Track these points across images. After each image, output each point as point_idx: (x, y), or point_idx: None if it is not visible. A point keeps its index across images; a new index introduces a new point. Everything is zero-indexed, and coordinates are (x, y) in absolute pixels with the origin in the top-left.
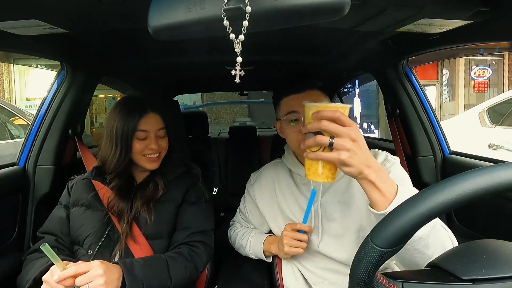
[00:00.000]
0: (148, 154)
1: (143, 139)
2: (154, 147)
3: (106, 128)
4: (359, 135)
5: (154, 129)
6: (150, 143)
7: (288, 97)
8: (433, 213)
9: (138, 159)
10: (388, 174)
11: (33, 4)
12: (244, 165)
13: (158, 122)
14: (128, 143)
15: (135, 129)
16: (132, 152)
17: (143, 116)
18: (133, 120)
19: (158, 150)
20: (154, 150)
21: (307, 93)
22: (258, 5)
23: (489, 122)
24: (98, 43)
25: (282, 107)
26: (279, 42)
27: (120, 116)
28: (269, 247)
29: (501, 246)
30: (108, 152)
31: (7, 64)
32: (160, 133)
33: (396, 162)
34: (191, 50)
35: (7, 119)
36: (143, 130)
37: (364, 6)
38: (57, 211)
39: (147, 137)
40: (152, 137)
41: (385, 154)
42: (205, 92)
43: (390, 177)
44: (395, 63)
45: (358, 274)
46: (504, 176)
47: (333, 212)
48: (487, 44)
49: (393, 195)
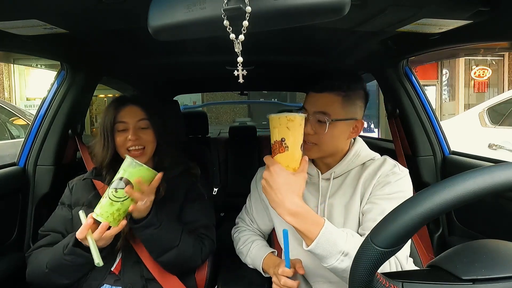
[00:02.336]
0: (131, 147)
1: (122, 131)
2: (132, 137)
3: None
4: (268, 176)
5: (133, 120)
6: (129, 134)
7: (309, 94)
8: (433, 213)
9: (123, 154)
10: (309, 215)
11: (33, 4)
12: (244, 165)
13: (137, 113)
14: (110, 136)
15: (114, 121)
16: (116, 147)
17: (121, 108)
18: (112, 111)
19: (139, 143)
20: (133, 141)
21: (321, 95)
22: (258, 5)
23: (489, 122)
24: (98, 43)
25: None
26: (279, 42)
27: (105, 112)
28: (267, 268)
29: (501, 246)
30: (97, 148)
31: (7, 64)
32: (141, 124)
33: (402, 175)
34: (191, 50)
35: (7, 119)
36: (121, 122)
37: (364, 6)
38: (60, 211)
39: (127, 129)
40: (131, 128)
41: (392, 164)
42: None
43: (312, 217)
44: (395, 63)
45: (358, 274)
46: (504, 176)
47: (338, 216)
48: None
49: (314, 235)
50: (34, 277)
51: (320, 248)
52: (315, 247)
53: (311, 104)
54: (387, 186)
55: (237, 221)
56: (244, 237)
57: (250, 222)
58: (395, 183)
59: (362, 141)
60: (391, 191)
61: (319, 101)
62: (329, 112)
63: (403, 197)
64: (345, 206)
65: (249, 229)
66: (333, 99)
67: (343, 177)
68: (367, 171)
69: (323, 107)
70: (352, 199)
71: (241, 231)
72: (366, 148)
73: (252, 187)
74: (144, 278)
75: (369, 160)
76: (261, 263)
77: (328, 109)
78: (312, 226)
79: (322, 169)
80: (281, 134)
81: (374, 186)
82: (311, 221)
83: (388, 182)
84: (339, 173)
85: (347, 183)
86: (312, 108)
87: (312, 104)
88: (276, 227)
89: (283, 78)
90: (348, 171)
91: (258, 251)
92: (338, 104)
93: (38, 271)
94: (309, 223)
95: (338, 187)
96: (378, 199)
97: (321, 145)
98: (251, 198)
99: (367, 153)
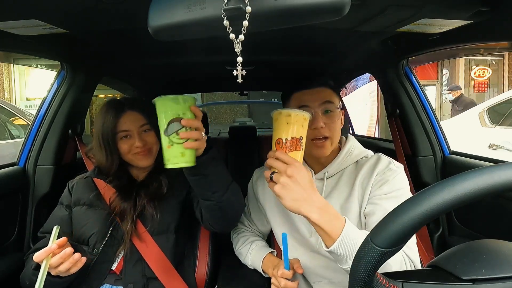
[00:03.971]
0: (136, 152)
1: (126, 138)
2: (139, 144)
3: (94, 132)
4: (295, 172)
5: (135, 127)
6: (135, 141)
7: (300, 92)
8: (433, 213)
9: (129, 159)
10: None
11: (33, 4)
12: (244, 165)
13: (138, 119)
14: (112, 146)
15: (115, 131)
16: (121, 154)
17: (121, 116)
18: (112, 121)
19: (146, 146)
20: (140, 147)
21: (320, 90)
22: (258, 5)
23: (489, 122)
24: (98, 43)
25: (292, 101)
26: (279, 42)
27: (100, 118)
28: (266, 268)
29: (501, 246)
30: (99, 156)
31: (7, 64)
32: (144, 129)
33: (398, 171)
34: (191, 50)
35: (7, 119)
36: (124, 130)
37: (364, 6)
38: (58, 211)
39: (131, 136)
40: (135, 135)
41: (387, 161)
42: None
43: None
44: (395, 63)
45: (358, 274)
46: (504, 176)
47: None
48: (487, 44)
49: (337, 234)
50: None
51: (343, 248)
52: (338, 247)
53: (313, 98)
54: (385, 185)
55: None
56: (243, 238)
57: (249, 223)
58: (393, 181)
59: (354, 139)
60: (390, 190)
61: (320, 94)
62: (332, 100)
63: (402, 195)
64: (341, 206)
65: (248, 230)
66: (328, 91)
67: (338, 176)
68: (363, 170)
69: (327, 97)
70: (349, 199)
71: (239, 232)
72: (358, 145)
73: (249, 189)
74: (145, 277)
75: (362, 157)
76: (261, 264)
77: (331, 98)
78: (335, 224)
79: (315, 169)
80: (299, 133)
81: (373, 185)
82: (334, 218)
83: (386, 181)
84: (332, 172)
85: (342, 183)
86: (316, 101)
87: (315, 98)
88: (274, 229)
89: (283, 78)
90: (342, 170)
91: (258, 251)
92: (332, 94)
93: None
94: (333, 220)
95: (333, 187)
96: (378, 199)
97: (333, 136)
98: (248, 200)
99: (360, 150)
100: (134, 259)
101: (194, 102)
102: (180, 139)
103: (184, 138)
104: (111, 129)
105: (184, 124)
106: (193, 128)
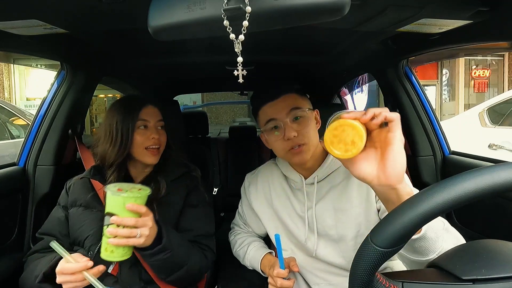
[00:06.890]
0: (150, 146)
1: (144, 129)
2: (156, 136)
3: (104, 125)
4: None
5: (154, 119)
6: (151, 133)
7: (266, 105)
8: (433, 213)
9: (138, 153)
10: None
11: (33, 4)
12: (244, 165)
13: (157, 114)
14: (129, 134)
15: (136, 119)
16: (132, 145)
17: (143, 107)
18: (134, 111)
19: (159, 142)
20: (155, 140)
21: (284, 98)
22: (258, 5)
23: (489, 122)
24: (98, 43)
25: (260, 116)
26: (279, 42)
27: (120, 110)
28: (264, 268)
29: (501, 246)
30: (107, 146)
31: (7, 64)
32: (160, 124)
33: None
34: (191, 50)
35: (7, 119)
36: (144, 119)
37: (364, 6)
38: (56, 212)
39: (148, 127)
40: (152, 127)
41: None
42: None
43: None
44: (395, 63)
45: (358, 274)
46: (504, 176)
47: (328, 218)
48: (487, 44)
49: None
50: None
51: (432, 230)
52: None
53: (279, 109)
54: None
55: (232, 226)
56: (240, 239)
57: (245, 226)
58: None
59: None
60: None
61: (285, 102)
62: (299, 105)
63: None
64: (334, 208)
65: (244, 231)
66: (293, 96)
67: (329, 180)
68: None
69: (293, 104)
70: (345, 202)
71: (236, 234)
72: None
73: (242, 193)
74: (142, 280)
75: None
76: (259, 264)
77: (297, 103)
78: None
79: (305, 174)
80: None
81: None
82: None
83: None
84: (322, 176)
85: (335, 185)
86: (282, 111)
87: (281, 108)
88: (269, 233)
89: (283, 78)
90: (333, 171)
91: (255, 252)
92: (299, 98)
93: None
94: None
95: (327, 191)
96: None
97: (308, 141)
98: (242, 204)
99: None
100: (130, 263)
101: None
102: (108, 235)
103: (112, 234)
104: (132, 118)
105: (113, 221)
106: (129, 226)
